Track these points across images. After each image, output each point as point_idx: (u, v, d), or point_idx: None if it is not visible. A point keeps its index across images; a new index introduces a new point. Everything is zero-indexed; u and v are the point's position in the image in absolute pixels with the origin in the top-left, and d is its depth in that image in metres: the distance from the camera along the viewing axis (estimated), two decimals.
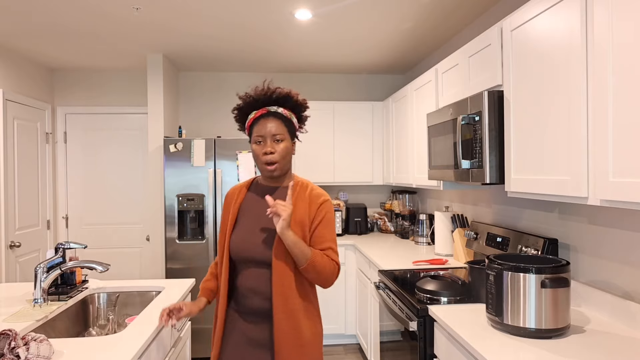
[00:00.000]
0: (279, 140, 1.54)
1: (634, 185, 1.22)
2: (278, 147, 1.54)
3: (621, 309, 1.66)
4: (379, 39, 3.42)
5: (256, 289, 1.53)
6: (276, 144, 1.55)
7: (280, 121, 1.56)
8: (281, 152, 1.54)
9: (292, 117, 1.59)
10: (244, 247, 1.55)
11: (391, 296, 2.35)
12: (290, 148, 1.59)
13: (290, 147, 1.58)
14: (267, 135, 1.54)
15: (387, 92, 4.68)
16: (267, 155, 1.53)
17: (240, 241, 1.56)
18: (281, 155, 1.55)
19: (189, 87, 4.48)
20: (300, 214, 1.55)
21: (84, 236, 4.42)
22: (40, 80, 4.15)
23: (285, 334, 1.48)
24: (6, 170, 3.55)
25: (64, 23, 3.03)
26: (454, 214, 3.06)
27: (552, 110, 1.59)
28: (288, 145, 1.57)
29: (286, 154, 1.56)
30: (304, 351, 1.51)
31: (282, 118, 1.56)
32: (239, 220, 1.62)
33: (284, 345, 1.48)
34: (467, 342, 1.52)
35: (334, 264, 1.54)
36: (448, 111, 2.33)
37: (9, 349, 1.29)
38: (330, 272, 1.52)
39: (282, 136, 1.54)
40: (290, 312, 1.49)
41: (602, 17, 1.33)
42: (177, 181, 3.62)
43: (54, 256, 2.03)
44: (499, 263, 1.61)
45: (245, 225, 1.59)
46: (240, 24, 3.07)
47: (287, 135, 1.57)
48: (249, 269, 1.56)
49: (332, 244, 1.56)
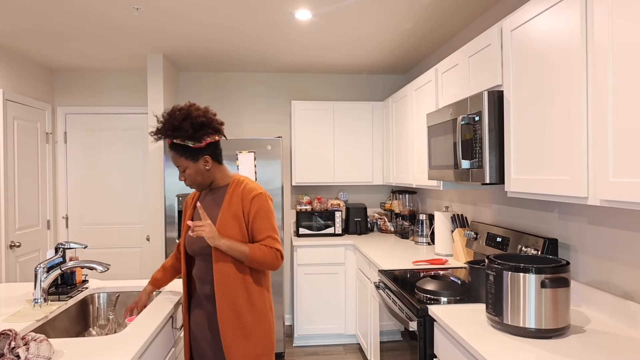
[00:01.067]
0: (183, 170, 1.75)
1: (634, 185, 1.22)
2: (186, 174, 1.76)
3: (621, 309, 1.66)
4: (379, 39, 3.42)
5: (204, 278, 1.78)
6: (183, 173, 1.76)
7: (177, 153, 1.73)
8: (189, 177, 1.76)
9: (186, 144, 1.71)
10: (190, 242, 1.79)
11: (391, 296, 2.35)
12: (197, 170, 1.75)
13: (196, 169, 1.75)
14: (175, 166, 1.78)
15: (387, 92, 4.68)
16: (182, 181, 1.79)
17: (189, 237, 1.81)
18: (191, 180, 1.77)
19: (189, 87, 4.48)
20: (235, 208, 1.75)
21: (84, 236, 4.42)
22: (40, 80, 4.15)
23: (228, 319, 1.69)
24: (6, 170, 3.55)
25: (64, 23, 3.03)
26: (454, 214, 3.06)
27: (552, 110, 1.59)
28: (192, 170, 1.75)
29: (194, 177, 1.77)
30: (250, 343, 1.71)
31: (178, 148, 1.72)
32: (193, 219, 1.87)
33: (228, 330, 1.69)
34: (467, 342, 1.52)
35: (274, 251, 1.73)
36: (448, 111, 2.33)
37: (9, 349, 1.29)
38: (272, 259, 1.72)
39: (184, 166, 1.74)
40: (231, 299, 1.70)
41: (602, 17, 1.33)
42: (177, 181, 3.62)
43: (54, 256, 2.03)
44: (499, 263, 1.61)
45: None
46: (240, 24, 3.07)
47: (188, 161, 1.74)
48: (199, 260, 1.81)
49: (271, 233, 1.75)
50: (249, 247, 1.70)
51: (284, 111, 4.56)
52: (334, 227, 4.10)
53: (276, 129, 4.55)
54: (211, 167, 1.79)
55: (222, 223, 1.73)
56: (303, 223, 4.09)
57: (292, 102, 4.16)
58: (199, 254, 1.79)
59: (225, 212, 1.75)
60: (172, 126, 1.69)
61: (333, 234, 4.10)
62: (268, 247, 1.73)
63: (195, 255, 1.81)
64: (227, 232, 1.72)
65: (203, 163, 1.76)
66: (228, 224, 1.73)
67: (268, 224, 1.76)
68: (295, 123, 4.15)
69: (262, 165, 3.67)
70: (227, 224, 1.73)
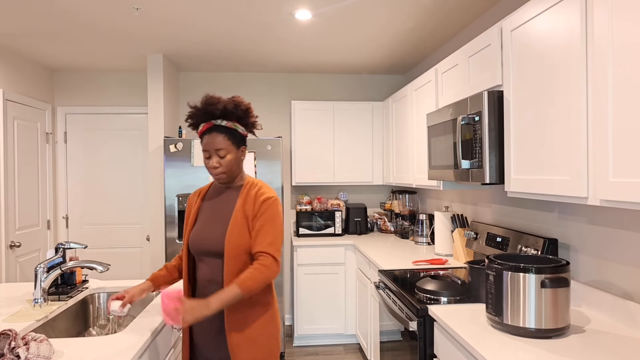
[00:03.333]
0: (222, 156, 1.66)
1: (634, 185, 1.22)
2: (223, 161, 1.67)
3: (621, 309, 1.66)
4: (379, 39, 3.42)
5: (212, 279, 1.68)
6: (221, 158, 1.67)
7: (224, 135, 1.66)
8: (226, 164, 1.68)
9: (236, 127, 1.68)
10: (199, 240, 1.70)
11: (391, 296, 2.35)
12: (236, 158, 1.70)
13: (235, 157, 1.69)
14: (211, 151, 1.66)
15: (387, 92, 4.68)
16: (213, 169, 1.68)
17: (197, 236, 1.71)
18: (226, 167, 1.68)
19: (189, 87, 4.48)
20: (246, 210, 1.69)
21: (84, 236, 4.42)
22: (40, 80, 4.15)
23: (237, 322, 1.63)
24: (6, 170, 3.55)
25: (64, 23, 3.03)
26: (454, 214, 3.06)
27: (552, 110, 1.59)
28: (233, 156, 1.68)
29: (232, 165, 1.69)
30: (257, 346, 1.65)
31: (226, 131, 1.66)
32: (198, 218, 1.77)
33: (235, 333, 1.62)
34: (467, 342, 1.52)
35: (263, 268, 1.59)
36: (448, 111, 2.33)
37: (9, 349, 1.29)
38: (265, 278, 1.59)
39: (226, 150, 1.66)
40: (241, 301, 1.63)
41: (602, 17, 1.33)
42: (177, 181, 3.62)
43: (54, 256, 2.03)
44: (498, 263, 1.61)
45: (202, 222, 1.74)
46: (240, 24, 3.07)
47: (232, 147, 1.67)
48: (205, 261, 1.70)
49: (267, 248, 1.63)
50: (238, 284, 1.54)
51: (284, 111, 4.56)
52: (334, 227, 4.10)
53: (276, 129, 4.55)
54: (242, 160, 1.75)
55: (234, 226, 1.65)
56: (303, 223, 4.09)
57: (292, 102, 4.16)
58: (207, 253, 1.70)
59: (238, 213, 1.68)
60: (224, 108, 1.64)
61: (333, 234, 4.10)
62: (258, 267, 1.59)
63: (203, 254, 1.71)
64: (238, 236, 1.64)
65: (241, 153, 1.72)
66: (239, 227, 1.65)
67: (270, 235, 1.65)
68: (295, 123, 4.15)
69: (262, 165, 3.67)
70: (239, 227, 1.65)
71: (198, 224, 1.74)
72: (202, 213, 1.78)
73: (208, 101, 1.66)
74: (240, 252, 1.64)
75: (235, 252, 1.64)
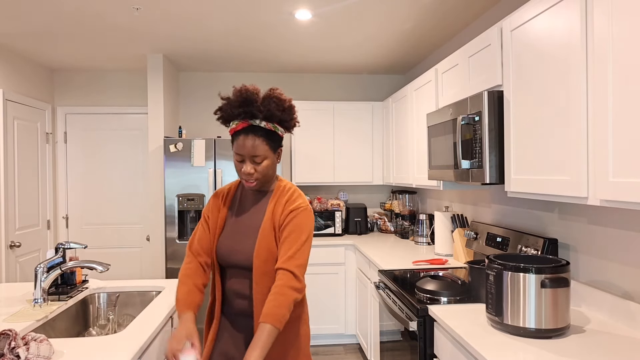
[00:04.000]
0: (259, 162, 1.47)
1: (634, 185, 1.22)
2: (259, 167, 1.48)
3: (621, 309, 1.66)
4: (379, 39, 3.42)
5: (240, 292, 1.54)
6: (256, 164, 1.48)
7: (262, 139, 1.45)
8: (262, 171, 1.49)
9: (276, 129, 1.49)
10: (227, 253, 1.54)
11: (391, 296, 2.35)
12: (273, 163, 1.52)
13: (272, 162, 1.52)
14: (246, 155, 1.46)
15: (387, 92, 4.68)
16: (247, 175, 1.49)
17: (225, 248, 1.55)
18: (262, 174, 1.50)
19: (189, 87, 4.48)
20: (276, 219, 1.52)
21: (84, 236, 4.42)
22: (40, 80, 4.15)
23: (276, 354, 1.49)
24: (6, 170, 3.55)
25: (64, 23, 3.03)
26: (454, 214, 3.06)
27: (552, 110, 1.59)
28: (270, 162, 1.50)
29: (267, 171, 1.51)
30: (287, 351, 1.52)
31: (265, 134, 1.46)
32: (225, 225, 1.60)
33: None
34: (467, 342, 1.52)
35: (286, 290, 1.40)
36: (448, 111, 2.33)
37: (9, 349, 1.29)
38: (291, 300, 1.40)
39: (263, 156, 1.47)
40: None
41: (602, 17, 1.33)
42: (177, 181, 3.62)
43: (54, 256, 2.03)
44: (499, 263, 1.61)
45: (229, 231, 1.57)
46: (240, 24, 3.07)
47: (270, 152, 1.49)
48: (233, 272, 1.56)
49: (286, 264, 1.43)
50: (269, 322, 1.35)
51: None
52: (334, 227, 4.10)
53: None
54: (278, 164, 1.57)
55: (263, 238, 1.50)
56: None
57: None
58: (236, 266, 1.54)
59: (267, 224, 1.51)
60: (265, 108, 1.44)
61: (333, 234, 4.10)
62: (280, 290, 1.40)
63: (232, 266, 1.55)
64: (267, 250, 1.49)
65: (278, 155, 1.54)
66: (268, 240, 1.50)
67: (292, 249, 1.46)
68: None
69: None
70: (268, 240, 1.49)
71: (225, 233, 1.58)
72: (228, 220, 1.61)
73: (245, 95, 1.44)
74: (271, 268, 1.49)
75: (264, 268, 1.48)
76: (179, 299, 1.49)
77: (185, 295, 1.50)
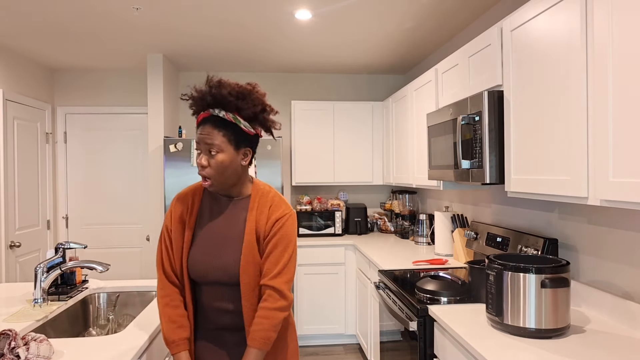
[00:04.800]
0: (213, 152, 1.33)
1: (634, 185, 1.22)
2: (213, 161, 1.33)
3: (621, 309, 1.66)
4: (379, 39, 3.42)
5: (224, 308, 1.40)
6: (211, 156, 1.34)
7: (219, 129, 1.32)
8: (217, 166, 1.33)
9: (237, 122, 1.35)
10: (203, 270, 1.38)
11: (391, 296, 2.35)
12: (231, 161, 1.35)
13: (230, 159, 1.35)
14: (202, 145, 1.34)
15: (387, 92, 4.68)
16: (200, 168, 1.35)
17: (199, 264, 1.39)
18: (216, 170, 1.34)
19: (189, 87, 4.47)
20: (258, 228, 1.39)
21: (84, 236, 4.42)
22: (40, 80, 4.14)
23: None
24: (6, 170, 3.55)
25: (64, 23, 3.03)
26: (454, 214, 3.06)
27: (552, 110, 1.59)
28: (226, 157, 1.34)
29: (223, 169, 1.34)
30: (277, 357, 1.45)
31: (222, 124, 1.33)
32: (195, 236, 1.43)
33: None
34: (467, 342, 1.52)
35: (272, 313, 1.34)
36: (448, 111, 2.33)
37: (9, 349, 1.29)
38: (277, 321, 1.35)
39: (218, 147, 1.32)
40: None
41: (602, 17, 1.33)
42: (177, 181, 3.62)
43: (54, 256, 2.03)
44: (499, 263, 1.61)
45: (204, 244, 1.41)
46: (240, 24, 3.07)
47: (228, 145, 1.33)
48: (212, 288, 1.41)
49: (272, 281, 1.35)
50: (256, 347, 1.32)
51: (284, 111, 4.56)
52: (334, 227, 4.10)
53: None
54: (245, 165, 1.41)
55: (248, 253, 1.37)
56: (303, 223, 4.09)
57: (292, 102, 4.16)
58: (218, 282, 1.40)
59: (251, 236, 1.38)
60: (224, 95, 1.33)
61: (333, 234, 4.10)
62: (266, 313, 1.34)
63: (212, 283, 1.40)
64: (254, 265, 1.37)
65: (242, 155, 1.39)
66: (254, 254, 1.38)
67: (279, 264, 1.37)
68: (295, 123, 4.15)
69: (262, 166, 3.67)
70: (253, 254, 1.38)
71: (197, 246, 1.42)
72: (199, 229, 1.44)
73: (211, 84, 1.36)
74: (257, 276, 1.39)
75: (253, 283, 1.37)
76: (166, 338, 1.38)
77: (173, 332, 1.38)
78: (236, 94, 1.35)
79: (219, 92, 1.34)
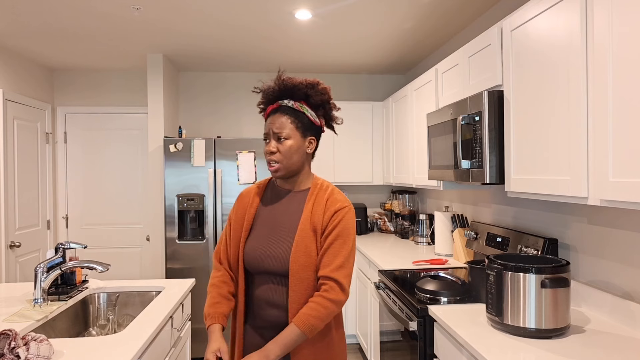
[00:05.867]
0: (282, 139, 1.41)
1: (634, 185, 1.22)
2: (281, 147, 1.41)
3: (621, 309, 1.66)
4: (379, 39, 3.42)
5: (272, 301, 1.41)
6: (280, 143, 1.41)
7: (288, 116, 1.41)
8: (285, 151, 1.41)
9: (305, 110, 1.43)
10: (257, 258, 1.43)
11: (391, 296, 2.35)
12: (299, 147, 1.43)
13: (298, 145, 1.42)
14: (270, 133, 1.43)
15: (387, 92, 4.68)
16: (269, 155, 1.43)
17: (254, 252, 1.44)
18: (285, 155, 1.41)
19: (189, 87, 4.48)
20: (315, 220, 1.41)
21: (84, 236, 4.42)
22: (40, 80, 4.15)
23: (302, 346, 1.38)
24: (6, 170, 3.55)
25: (64, 23, 3.03)
26: (454, 214, 3.06)
27: (552, 110, 1.59)
28: (295, 143, 1.42)
29: (291, 154, 1.42)
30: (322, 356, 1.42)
31: (291, 113, 1.42)
32: (253, 227, 1.49)
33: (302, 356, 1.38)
34: (467, 342, 1.52)
35: (328, 303, 1.34)
36: (448, 111, 2.33)
37: (9, 349, 1.29)
38: (330, 313, 1.34)
39: (287, 134, 1.40)
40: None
41: (602, 17, 1.33)
42: (177, 181, 3.62)
43: (54, 256, 2.03)
44: (499, 263, 1.61)
45: (260, 234, 1.46)
46: (240, 24, 3.07)
47: (296, 132, 1.42)
48: (264, 278, 1.43)
49: (333, 273, 1.36)
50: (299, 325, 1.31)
51: None
52: None
53: None
54: (309, 154, 1.48)
55: (300, 242, 1.39)
56: None
57: None
58: (269, 272, 1.42)
59: (306, 226, 1.40)
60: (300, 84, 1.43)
61: None
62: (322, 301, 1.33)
63: (263, 273, 1.43)
64: (305, 255, 1.38)
65: (308, 143, 1.46)
66: (307, 244, 1.39)
67: (340, 256, 1.38)
68: None
69: (263, 166, 3.67)
70: (306, 244, 1.39)
71: (255, 237, 1.46)
72: (258, 220, 1.49)
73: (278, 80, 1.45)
74: (310, 274, 1.38)
75: (302, 274, 1.37)
76: (205, 312, 1.44)
77: (210, 307, 1.44)
78: (306, 82, 1.45)
79: (290, 81, 1.44)
